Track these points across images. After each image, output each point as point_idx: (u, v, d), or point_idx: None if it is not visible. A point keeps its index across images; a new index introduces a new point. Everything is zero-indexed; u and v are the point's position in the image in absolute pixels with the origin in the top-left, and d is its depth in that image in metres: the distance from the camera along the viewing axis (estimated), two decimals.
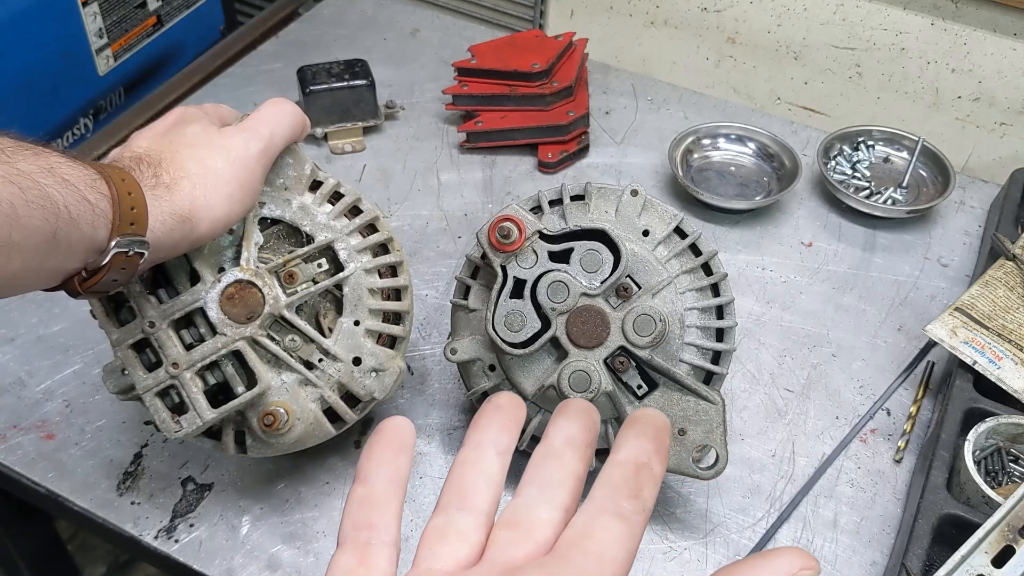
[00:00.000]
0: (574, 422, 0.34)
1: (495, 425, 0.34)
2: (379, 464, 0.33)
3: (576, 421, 0.34)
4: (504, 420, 0.34)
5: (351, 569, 0.31)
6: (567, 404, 0.35)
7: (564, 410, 0.34)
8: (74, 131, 1.21)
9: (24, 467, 0.77)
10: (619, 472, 0.32)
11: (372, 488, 0.33)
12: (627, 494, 0.31)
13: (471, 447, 0.34)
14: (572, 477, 0.32)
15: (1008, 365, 0.78)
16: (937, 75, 1.12)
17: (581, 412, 0.34)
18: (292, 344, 0.67)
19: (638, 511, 0.31)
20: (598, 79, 1.19)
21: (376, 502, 0.33)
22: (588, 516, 0.31)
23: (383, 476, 0.33)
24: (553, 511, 0.31)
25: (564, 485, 0.32)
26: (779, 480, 0.78)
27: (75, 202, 0.50)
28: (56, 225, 0.49)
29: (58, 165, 0.50)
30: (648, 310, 0.67)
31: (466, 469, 0.33)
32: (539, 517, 0.31)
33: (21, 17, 1.08)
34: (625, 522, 0.30)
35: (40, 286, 0.54)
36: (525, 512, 0.31)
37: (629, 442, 0.33)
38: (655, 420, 0.33)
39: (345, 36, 1.26)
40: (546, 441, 0.33)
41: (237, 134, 0.62)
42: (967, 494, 0.71)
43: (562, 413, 0.34)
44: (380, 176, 1.06)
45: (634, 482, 0.31)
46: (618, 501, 0.31)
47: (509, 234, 0.67)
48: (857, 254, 0.98)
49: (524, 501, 0.32)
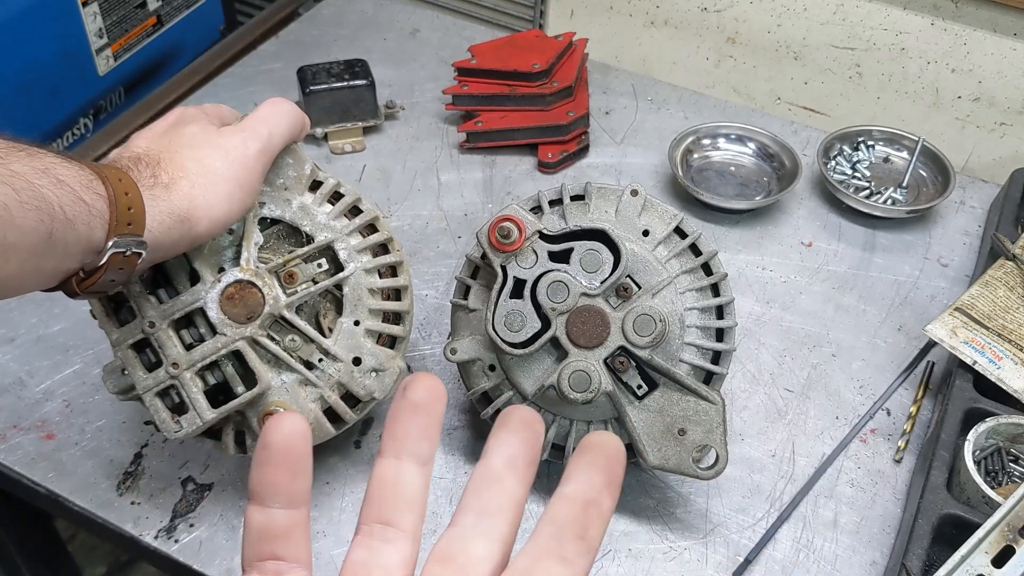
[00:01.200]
0: (517, 437, 0.31)
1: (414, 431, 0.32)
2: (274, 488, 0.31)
3: (519, 436, 0.31)
4: (423, 423, 0.32)
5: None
6: (508, 415, 0.32)
7: (504, 423, 0.32)
8: (74, 131, 1.21)
9: (24, 467, 0.77)
10: (565, 509, 0.30)
11: (271, 516, 0.31)
12: (572, 534, 0.29)
13: (389, 460, 0.32)
14: (512, 504, 0.31)
15: (1008, 365, 0.78)
16: (937, 75, 1.12)
17: (524, 425, 0.32)
18: (292, 344, 0.67)
19: (582, 552, 0.29)
20: (598, 79, 1.19)
21: (278, 531, 0.31)
22: (529, 559, 0.29)
23: (280, 501, 0.31)
24: (490, 544, 0.30)
25: (503, 513, 0.30)
26: (779, 480, 0.78)
27: (70, 203, 0.50)
28: (51, 226, 0.49)
29: (53, 166, 0.50)
30: (648, 310, 0.67)
31: (386, 491, 0.31)
32: (475, 552, 0.29)
33: (21, 17, 1.08)
34: (568, 566, 0.29)
35: (38, 287, 0.54)
36: (460, 546, 0.30)
37: (580, 474, 0.30)
38: (608, 448, 0.31)
39: (345, 36, 1.26)
40: (484, 461, 0.31)
41: (236, 134, 0.62)
42: (967, 494, 0.71)
43: (503, 427, 0.32)
44: (380, 176, 1.06)
45: (581, 521, 0.29)
46: (563, 542, 0.29)
47: (509, 234, 0.67)
48: (857, 254, 0.98)
49: (460, 532, 0.30)
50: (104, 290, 0.56)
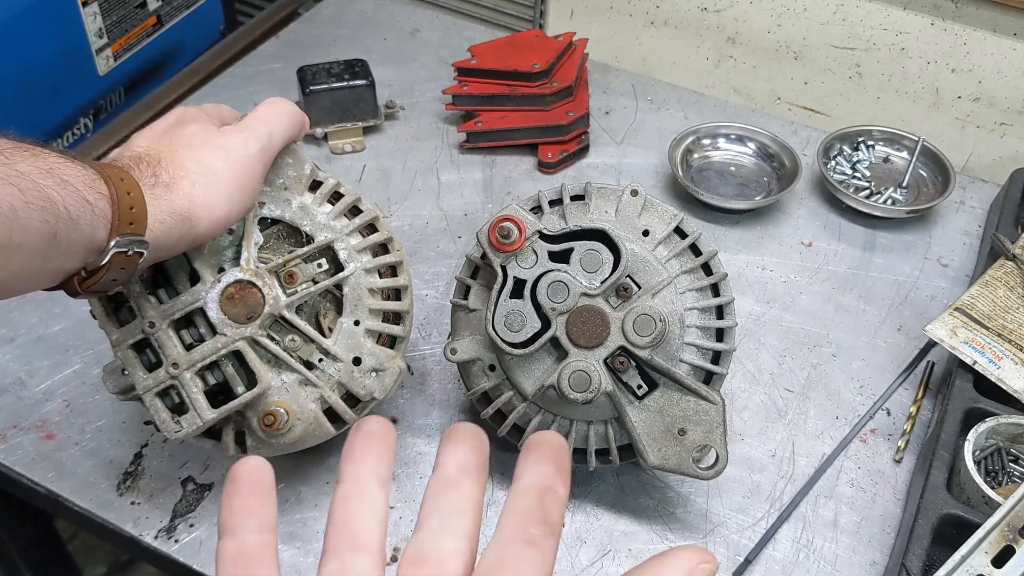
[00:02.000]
0: (464, 447, 0.32)
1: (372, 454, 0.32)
2: (244, 514, 0.32)
3: (465, 446, 0.32)
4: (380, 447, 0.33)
5: None
6: (453, 430, 0.33)
7: (451, 436, 0.33)
8: (74, 131, 1.21)
9: (24, 467, 0.77)
10: (523, 499, 0.31)
11: (243, 542, 0.31)
12: (535, 520, 0.30)
13: (351, 481, 0.32)
14: (471, 503, 0.31)
15: (1008, 365, 0.78)
16: (937, 75, 1.12)
17: (469, 435, 0.33)
18: (292, 344, 0.67)
19: (547, 535, 0.30)
20: (598, 79, 1.19)
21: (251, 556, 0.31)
22: (499, 547, 0.30)
23: (251, 526, 0.32)
24: (458, 540, 0.30)
25: (465, 513, 0.31)
26: (779, 480, 0.78)
27: (74, 202, 0.50)
28: (56, 226, 0.49)
29: (57, 166, 0.50)
30: (648, 310, 0.67)
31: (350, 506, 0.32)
32: (445, 548, 0.30)
33: (21, 17, 1.08)
34: (536, 548, 0.30)
35: (40, 286, 0.54)
36: (430, 545, 0.30)
37: (529, 468, 0.32)
38: (551, 441, 0.33)
39: (345, 36, 1.26)
40: (439, 470, 0.32)
41: (236, 134, 0.62)
42: (967, 494, 0.71)
43: (449, 439, 0.33)
44: (380, 176, 1.06)
45: (540, 507, 0.31)
46: (527, 528, 0.30)
47: (509, 234, 0.67)
48: (857, 254, 0.98)
49: (428, 534, 0.31)
50: (105, 289, 0.56)
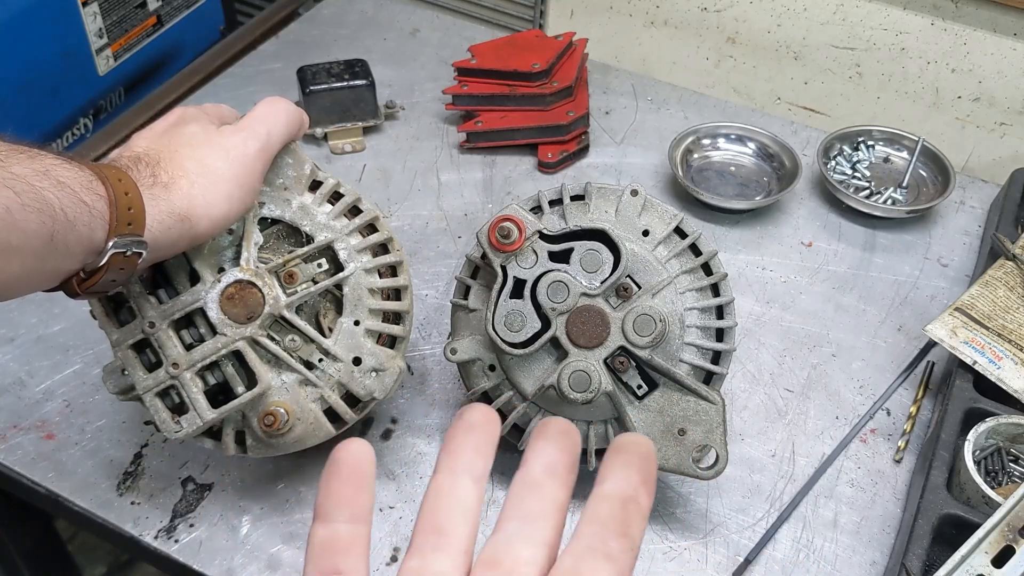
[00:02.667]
0: (554, 446, 0.32)
1: (470, 448, 0.32)
2: (339, 501, 0.31)
3: (556, 444, 0.32)
4: (479, 441, 0.32)
5: None
6: (546, 426, 0.32)
7: (543, 433, 0.32)
8: (74, 131, 1.21)
9: (24, 467, 0.77)
10: (606, 507, 0.30)
11: (335, 529, 0.31)
12: (615, 532, 0.30)
13: (445, 474, 0.31)
14: (555, 508, 0.31)
15: (1008, 365, 0.78)
16: (937, 75, 1.12)
17: (561, 435, 0.32)
18: (292, 344, 0.67)
19: (626, 550, 0.29)
20: (598, 79, 1.19)
21: (341, 545, 0.31)
22: (575, 557, 0.29)
23: (345, 515, 0.31)
24: (536, 548, 0.30)
25: (547, 518, 0.30)
26: (779, 480, 0.78)
27: (71, 204, 0.50)
28: (53, 228, 0.49)
29: (53, 167, 0.50)
30: (648, 310, 0.67)
31: (441, 502, 0.31)
32: (521, 555, 0.29)
33: (21, 17, 1.08)
34: (613, 563, 0.29)
35: (39, 288, 0.54)
36: (506, 550, 0.30)
37: (616, 473, 0.31)
38: (641, 448, 0.32)
39: (345, 36, 1.26)
40: (525, 469, 0.31)
41: (235, 133, 0.62)
42: (967, 494, 0.71)
43: (541, 436, 0.32)
44: (380, 176, 1.06)
45: (622, 518, 0.30)
46: (606, 540, 0.29)
47: (509, 234, 0.67)
48: (857, 254, 0.98)
49: (505, 537, 0.30)
50: (104, 290, 0.56)
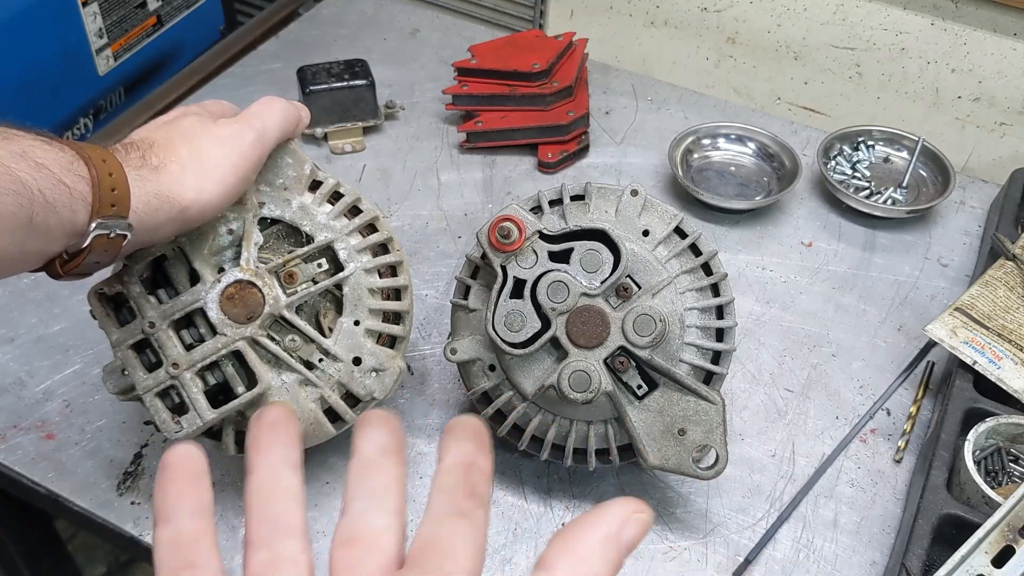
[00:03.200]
0: (380, 430, 0.32)
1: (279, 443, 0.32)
2: (178, 499, 0.31)
3: (381, 429, 0.33)
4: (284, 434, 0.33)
5: None
6: (365, 418, 0.33)
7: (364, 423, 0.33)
8: (74, 131, 1.21)
9: (24, 467, 0.77)
10: (449, 477, 0.31)
11: (178, 527, 0.31)
12: (464, 493, 0.31)
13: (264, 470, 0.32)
14: (396, 481, 0.31)
15: (1008, 365, 0.78)
16: (937, 75, 1.12)
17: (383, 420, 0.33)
18: (292, 344, 0.67)
19: (477, 506, 0.31)
20: (598, 79, 1.19)
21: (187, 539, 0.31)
22: (432, 522, 0.30)
23: (185, 512, 0.31)
24: (388, 516, 0.30)
25: (390, 490, 0.31)
26: (779, 480, 0.78)
27: (50, 186, 0.50)
28: (31, 210, 0.49)
29: (31, 149, 0.50)
30: (648, 310, 0.67)
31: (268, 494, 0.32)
32: (376, 526, 0.30)
33: (21, 17, 1.08)
34: (468, 519, 0.30)
35: (22, 269, 0.53)
36: (360, 526, 0.30)
37: (451, 448, 0.32)
38: (469, 422, 0.33)
39: (345, 36, 1.26)
40: (358, 454, 0.32)
41: (230, 124, 0.62)
42: (967, 494, 0.71)
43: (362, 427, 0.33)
44: (380, 176, 1.06)
45: (466, 482, 0.31)
46: (456, 501, 0.30)
47: (509, 234, 0.67)
48: (857, 254, 0.98)
49: (355, 515, 0.31)
50: (87, 272, 0.56)
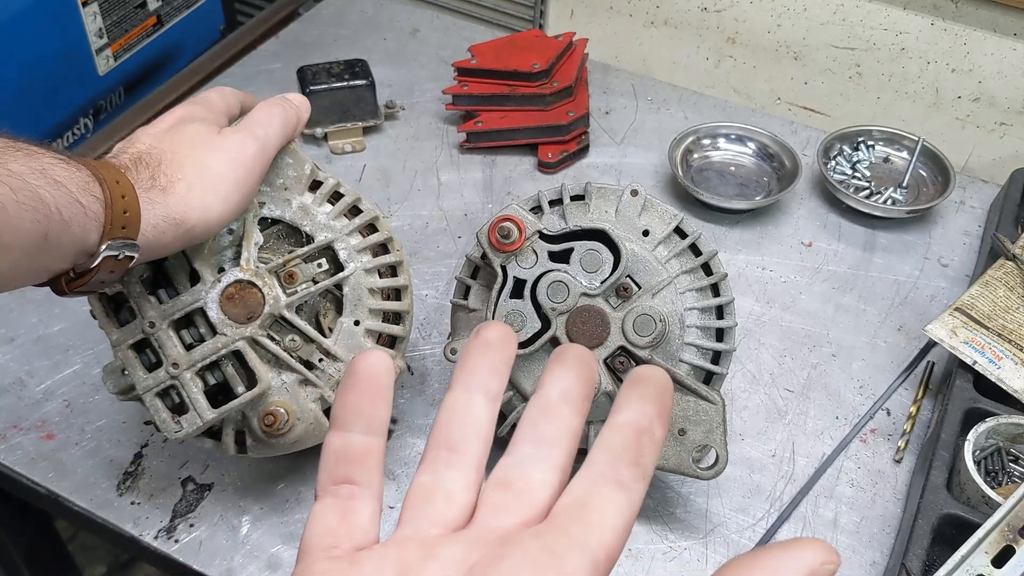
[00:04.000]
0: (571, 373, 0.31)
1: (486, 366, 0.32)
2: (355, 412, 0.31)
3: (574, 372, 0.31)
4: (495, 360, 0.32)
5: (332, 528, 0.30)
6: (564, 352, 0.32)
7: (561, 359, 0.32)
8: (74, 131, 1.21)
9: (24, 467, 0.77)
10: (620, 437, 0.30)
11: (349, 439, 0.31)
12: (628, 461, 0.29)
13: (460, 391, 0.31)
14: (568, 434, 0.30)
15: (1008, 365, 0.78)
16: (937, 75, 1.12)
17: (579, 361, 0.32)
18: (292, 344, 0.67)
19: (638, 479, 0.29)
20: (598, 79, 1.19)
21: (354, 455, 0.31)
22: (587, 483, 0.29)
23: (361, 425, 0.31)
24: (548, 471, 0.30)
25: (560, 443, 0.30)
26: (779, 480, 0.78)
27: (67, 204, 0.50)
28: (47, 227, 0.49)
29: (50, 166, 0.50)
30: (648, 310, 0.67)
31: (454, 419, 0.31)
32: (534, 478, 0.29)
33: (21, 17, 1.08)
34: (625, 491, 0.29)
35: (26, 284, 0.53)
36: (519, 472, 0.30)
37: (631, 404, 0.30)
38: (657, 380, 0.31)
39: (345, 36, 1.26)
40: (541, 393, 0.31)
41: (234, 135, 0.62)
42: (967, 494, 0.71)
43: (558, 362, 0.32)
44: (380, 176, 1.06)
45: (635, 448, 0.29)
46: (618, 468, 0.29)
47: (509, 234, 0.67)
48: (857, 254, 0.98)
49: (518, 459, 0.30)
50: (93, 290, 0.56)
